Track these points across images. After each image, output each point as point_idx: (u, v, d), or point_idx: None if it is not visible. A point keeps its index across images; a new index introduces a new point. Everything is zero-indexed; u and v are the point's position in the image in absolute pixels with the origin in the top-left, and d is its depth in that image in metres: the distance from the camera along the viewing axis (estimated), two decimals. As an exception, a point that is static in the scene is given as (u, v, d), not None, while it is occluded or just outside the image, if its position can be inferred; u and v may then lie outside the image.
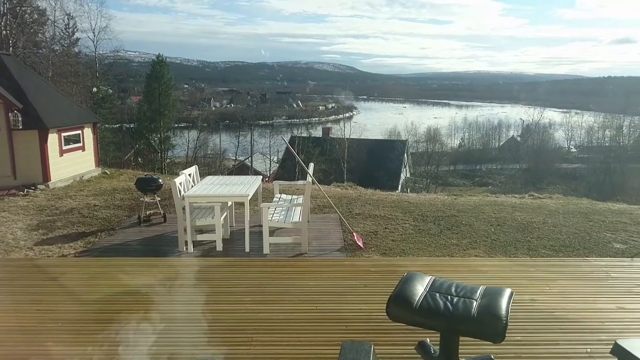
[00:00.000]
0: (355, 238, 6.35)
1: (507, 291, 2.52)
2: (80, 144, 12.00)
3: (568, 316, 3.62)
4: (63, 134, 11.26)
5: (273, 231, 6.42)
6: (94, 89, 30.10)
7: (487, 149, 62.98)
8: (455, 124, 71.07)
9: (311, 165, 7.40)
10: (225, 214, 6.32)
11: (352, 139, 39.11)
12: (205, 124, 48.79)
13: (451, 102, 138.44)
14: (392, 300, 2.46)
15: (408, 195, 10.60)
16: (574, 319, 3.57)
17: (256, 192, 6.94)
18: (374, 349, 2.05)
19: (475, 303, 2.39)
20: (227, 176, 7.94)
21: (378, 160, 34.90)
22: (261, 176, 7.62)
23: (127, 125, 39.69)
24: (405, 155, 38.72)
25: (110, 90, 36.67)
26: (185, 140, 42.18)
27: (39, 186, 10.25)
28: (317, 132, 49.00)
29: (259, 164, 41.74)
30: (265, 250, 5.89)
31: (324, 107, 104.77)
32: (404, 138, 45.65)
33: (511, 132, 68.94)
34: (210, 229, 6.14)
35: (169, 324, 3.47)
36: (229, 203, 6.69)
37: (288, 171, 31.72)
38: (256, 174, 27.71)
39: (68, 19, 28.07)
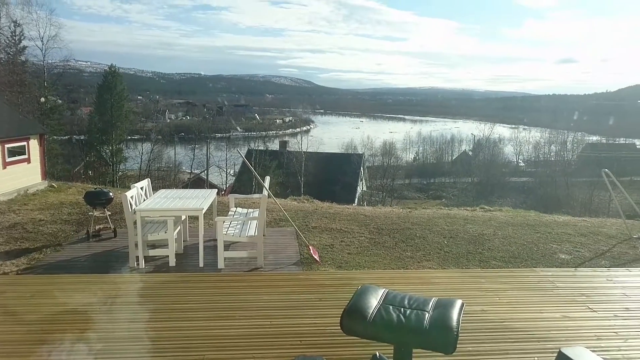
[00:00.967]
0: (311, 251, 6.34)
1: (458, 302, 2.56)
2: (25, 156, 11.49)
3: (517, 326, 3.72)
4: (6, 146, 10.77)
5: (228, 245, 6.32)
6: (42, 99, 28.96)
7: (441, 163, 64.57)
8: (410, 139, 72.63)
9: (267, 178, 7.36)
10: (178, 228, 6.18)
11: (309, 152, 39.23)
12: (159, 136, 47.88)
13: (406, 117, 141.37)
14: (346, 314, 2.46)
15: (364, 208, 10.69)
16: (522, 328, 3.68)
17: (211, 206, 6.83)
18: (327, 363, 2.04)
19: (427, 315, 2.43)
20: (182, 190, 7.77)
21: (335, 174, 35.11)
22: (216, 190, 7.51)
23: (77, 136, 38.44)
24: (361, 168, 39.13)
25: (60, 101, 35.44)
26: (139, 152, 41.11)
27: (-21, 200, 9.72)
28: (274, 146, 48.91)
29: (214, 177, 41.21)
30: (220, 265, 5.79)
31: (281, 121, 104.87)
32: (360, 152, 46.21)
33: (463, 147, 71.03)
34: (162, 244, 5.98)
35: (116, 344, 3.34)
36: (183, 217, 6.55)
37: (244, 184, 31.43)
38: (212, 187, 27.29)
39: (15, 27, 27.02)
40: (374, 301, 2.55)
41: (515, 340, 3.50)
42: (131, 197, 5.90)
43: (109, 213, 7.32)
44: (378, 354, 2.78)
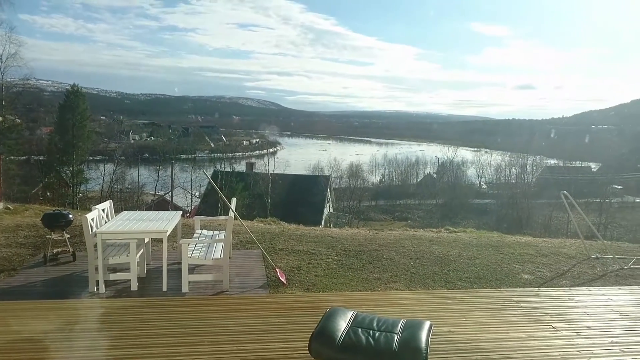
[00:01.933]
0: (278, 274, 6.26)
1: (427, 324, 2.57)
2: (-21, 177, 11.03)
3: (483, 346, 3.75)
4: (-41, 166, 10.31)
5: (193, 268, 6.18)
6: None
7: (406, 185, 65.50)
8: (376, 161, 73.52)
9: (234, 200, 7.28)
10: (141, 251, 6.01)
11: (276, 173, 39.17)
12: (122, 157, 46.83)
13: (372, 140, 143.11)
14: (315, 338, 2.43)
15: (331, 230, 10.68)
16: (488, 348, 3.71)
17: (175, 228, 6.68)
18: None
19: (396, 337, 2.41)
20: (145, 211, 7.58)
21: (302, 196, 35.11)
22: (181, 211, 7.37)
23: (36, 157, 37.20)
24: (328, 190, 39.28)
25: (18, 120, 34.30)
26: (101, 173, 40.10)
27: None
28: (241, 167, 48.61)
29: (179, 199, 40.48)
30: (184, 288, 5.64)
31: (248, 142, 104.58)
32: (327, 174, 46.44)
33: (428, 169, 72.32)
34: (124, 268, 5.80)
35: (74, 373, 3.19)
36: (146, 240, 6.38)
37: (210, 206, 31.02)
38: (176, 209, 26.79)
39: (-29, 44, 26.23)
40: (342, 324, 2.53)
41: (482, 360, 3.52)
42: (92, 219, 5.72)
43: (68, 236, 7.06)
44: None
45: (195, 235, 6.81)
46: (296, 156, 78.03)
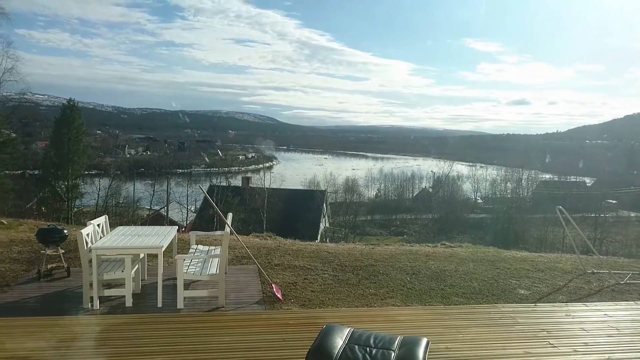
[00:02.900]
0: (274, 290, 6.22)
1: (424, 341, 2.56)
2: (-26, 192, 10.98)
3: (480, 363, 3.73)
4: (-46, 181, 10.27)
5: (188, 284, 6.14)
6: (-6, 133, 28.02)
7: (402, 200, 65.56)
8: (372, 175, 73.57)
9: (230, 215, 7.26)
10: (136, 266, 5.97)
11: (272, 188, 39.18)
12: (118, 172, 46.73)
13: (368, 154, 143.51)
14: (311, 355, 2.41)
15: (327, 245, 10.65)
16: (486, 365, 3.69)
17: (171, 243, 6.65)
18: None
19: (393, 354, 2.40)
20: (140, 226, 7.55)
21: (297, 210, 35.06)
22: (177, 226, 7.34)
23: (31, 171, 37.09)
24: (324, 205, 39.27)
25: (14, 134, 34.25)
26: (96, 188, 39.97)
27: None
28: (237, 182, 48.61)
29: (175, 214, 40.40)
30: (180, 304, 5.60)
31: (244, 157, 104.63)
32: (323, 188, 46.45)
33: (423, 184, 72.45)
34: (119, 283, 5.75)
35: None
36: (141, 255, 6.34)
37: (206, 221, 30.94)
38: (172, 224, 26.72)
39: (-32, 59, 26.29)
40: (339, 341, 2.51)
41: (480, 377, 3.50)
42: (87, 235, 5.69)
43: (63, 251, 7.01)
44: None
45: (190, 250, 6.78)
46: (292, 171, 78.15)
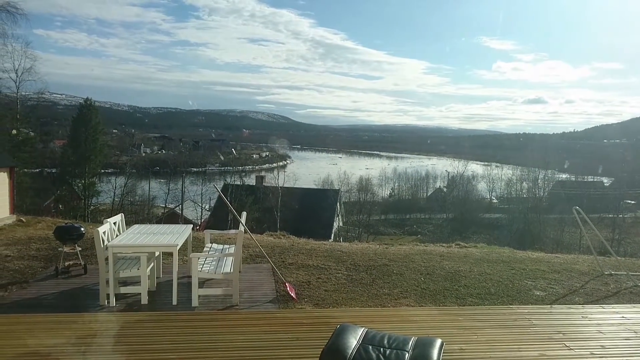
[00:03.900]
0: (288, 289, 6.24)
1: (438, 342, 2.54)
2: (-7, 190, 11.17)
3: (495, 364, 3.70)
4: (-26, 179, 10.45)
5: (203, 282, 6.19)
6: (14, 131, 28.44)
7: (416, 199, 65.25)
8: (386, 175, 73.36)
9: (244, 214, 7.29)
10: (152, 264, 6.03)
11: (286, 187, 39.21)
12: (134, 170, 47.17)
13: (382, 153, 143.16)
14: (325, 355, 2.41)
15: (341, 244, 10.65)
16: (500, 367, 3.66)
17: (186, 242, 6.70)
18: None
19: (407, 355, 2.39)
20: (156, 225, 7.62)
21: (311, 209, 35.07)
22: (191, 225, 7.38)
23: (49, 170, 37.61)
24: (338, 204, 39.22)
25: (32, 133, 34.78)
26: (112, 186, 40.40)
27: (-58, 235, 9.34)
28: (251, 180, 48.77)
29: (189, 212, 40.63)
30: (194, 302, 5.64)
31: (258, 156, 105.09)
32: (336, 187, 46.41)
33: (438, 183, 72.01)
34: (135, 281, 5.82)
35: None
36: (157, 253, 6.40)
37: (220, 220, 31.07)
38: (186, 222, 26.84)
39: (-12, 59, 26.71)
40: (353, 341, 2.51)
41: (494, 379, 3.47)
42: (103, 233, 5.76)
43: (80, 249, 7.11)
44: None
45: (205, 249, 6.83)
46: (306, 170, 78.19)
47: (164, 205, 42.91)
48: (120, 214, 6.94)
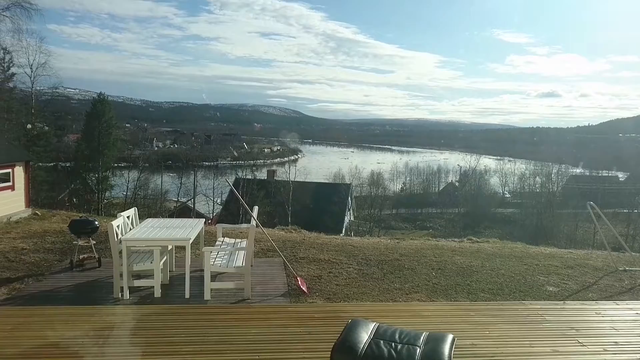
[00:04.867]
0: (299, 283, 6.27)
1: (449, 337, 2.54)
2: (9, 183, 11.34)
3: (507, 360, 3.69)
4: (-9, 173, 10.63)
5: (215, 276, 6.24)
6: (29, 126, 28.79)
7: (428, 194, 65.00)
8: (398, 169, 73.19)
9: (255, 208, 7.33)
10: (165, 258, 6.09)
11: (298, 181, 39.26)
12: (146, 164, 47.53)
13: (393, 148, 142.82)
14: (337, 349, 2.43)
15: (352, 238, 10.65)
16: (512, 363, 3.65)
17: (198, 236, 6.76)
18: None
19: (419, 350, 2.40)
20: (168, 219, 7.69)
21: (322, 204, 35.09)
22: (204, 219, 7.44)
23: (63, 163, 38.04)
24: (349, 198, 39.18)
25: (47, 128, 35.17)
26: (125, 180, 40.78)
27: (-40, 228, 9.51)
28: (262, 175, 48.88)
29: (201, 206, 40.90)
30: (207, 296, 5.69)
31: (269, 150, 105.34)
32: (348, 182, 46.36)
33: (450, 178, 71.67)
34: (148, 274, 5.88)
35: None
36: (170, 247, 6.46)
37: (232, 214, 31.23)
38: (199, 216, 27.09)
39: (4, 54, 27.04)
40: (364, 335, 2.52)
41: (506, 375, 3.46)
42: (117, 226, 5.83)
43: (94, 242, 7.20)
44: None
45: (217, 243, 6.87)
46: (317, 164, 78.25)
47: (176, 199, 43.24)
48: (133, 208, 7.01)
